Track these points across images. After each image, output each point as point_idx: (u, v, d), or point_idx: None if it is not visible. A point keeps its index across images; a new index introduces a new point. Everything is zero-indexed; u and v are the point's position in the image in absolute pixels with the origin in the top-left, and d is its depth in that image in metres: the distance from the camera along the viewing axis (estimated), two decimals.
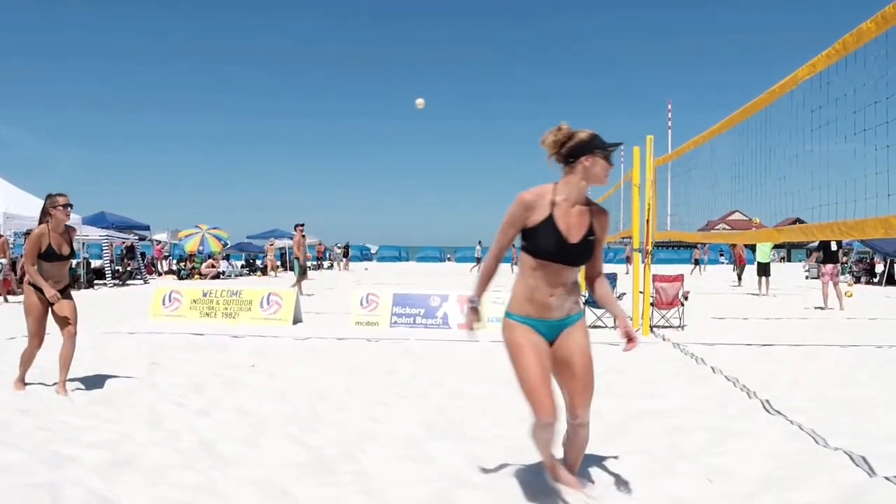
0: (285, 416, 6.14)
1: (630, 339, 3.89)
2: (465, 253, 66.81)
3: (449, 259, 69.20)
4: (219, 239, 32.78)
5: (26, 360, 7.19)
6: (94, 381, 7.55)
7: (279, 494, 4.23)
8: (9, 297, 19.53)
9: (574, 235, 3.75)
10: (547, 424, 3.74)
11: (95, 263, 28.25)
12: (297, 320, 13.06)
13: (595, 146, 3.71)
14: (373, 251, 69.14)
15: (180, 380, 7.67)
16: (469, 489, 4.33)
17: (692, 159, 10.40)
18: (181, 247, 33.78)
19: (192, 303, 13.51)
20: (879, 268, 32.43)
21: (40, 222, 6.95)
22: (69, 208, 7.02)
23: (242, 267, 36.25)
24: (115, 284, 26.12)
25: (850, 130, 5.32)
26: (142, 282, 28.18)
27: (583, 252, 3.80)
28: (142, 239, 32.88)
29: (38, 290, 6.89)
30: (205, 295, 13.61)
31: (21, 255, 23.59)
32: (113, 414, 6.17)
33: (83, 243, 26.23)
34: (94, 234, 26.71)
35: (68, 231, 7.10)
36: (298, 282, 20.04)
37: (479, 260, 39.50)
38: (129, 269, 28.73)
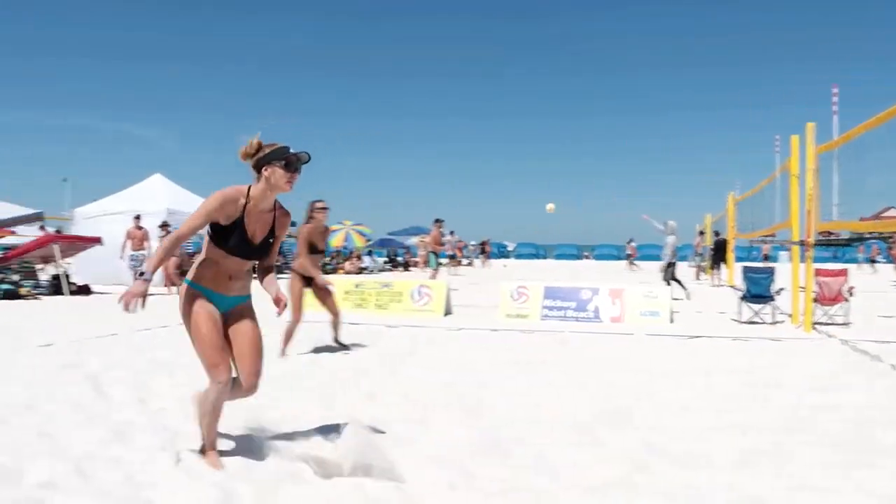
0: (451, 400, 6.21)
1: (278, 302, 4.43)
2: (602, 251, 65.72)
3: (586, 257, 68.40)
4: (363, 235, 33.56)
5: (288, 335, 8.39)
6: (264, 363, 7.83)
7: (461, 472, 4.26)
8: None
9: (257, 238, 4.28)
10: (225, 384, 4.22)
11: None
12: (447, 312, 13.20)
13: (272, 158, 4.16)
14: (510, 248, 68.95)
15: (344, 364, 7.88)
16: (648, 475, 4.24)
17: (865, 144, 9.74)
18: (327, 242, 34.85)
19: (345, 294, 13.86)
20: None
21: (305, 222, 8.49)
22: (326, 211, 8.52)
23: (385, 263, 36.98)
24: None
25: None
26: (286, 276, 29.16)
27: (262, 250, 4.34)
28: (290, 236, 34.04)
29: (301, 276, 8.53)
30: (357, 287, 13.95)
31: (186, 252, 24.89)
32: (283, 394, 6.39)
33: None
34: None
35: (326, 230, 8.74)
36: (433, 275, 20.26)
37: (630, 257, 38.05)
38: (277, 263, 29.82)
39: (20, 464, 4.29)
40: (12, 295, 16.45)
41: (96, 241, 18.12)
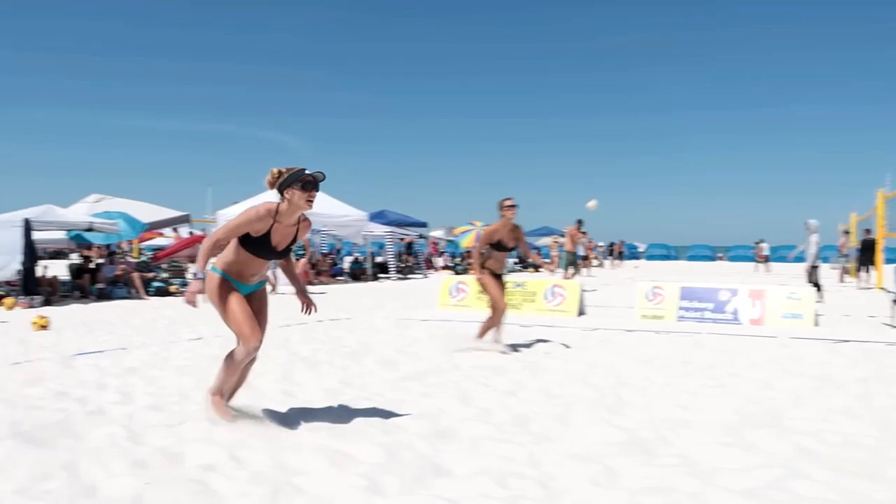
0: (591, 398, 6.13)
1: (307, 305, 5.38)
2: (738, 252, 63.20)
3: (720, 258, 66.30)
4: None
5: (490, 325, 8.68)
6: (400, 360, 7.98)
7: (603, 470, 4.19)
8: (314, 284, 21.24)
9: (281, 246, 4.96)
10: (254, 349, 4.98)
11: (379, 258, 29.98)
12: (581, 312, 13.05)
13: (290, 181, 4.79)
14: (641, 249, 67.54)
15: (481, 362, 7.90)
16: (805, 480, 4.03)
17: None
18: (457, 243, 35.02)
19: (479, 293, 13.88)
20: None
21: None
22: (515, 208, 8.53)
23: (516, 263, 36.92)
24: (398, 278, 27.59)
25: None
26: (422, 276, 29.56)
27: (283, 255, 5.07)
28: (421, 236, 34.52)
29: (491, 272, 8.67)
30: None
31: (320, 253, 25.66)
32: (424, 389, 6.47)
33: (366, 239, 27.97)
34: (377, 230, 28.38)
35: (515, 228, 8.65)
36: (570, 276, 20.08)
37: (767, 259, 36.33)
38: (409, 263, 30.25)
39: (182, 448, 4.51)
40: (163, 292, 17.35)
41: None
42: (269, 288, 5.68)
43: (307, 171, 4.84)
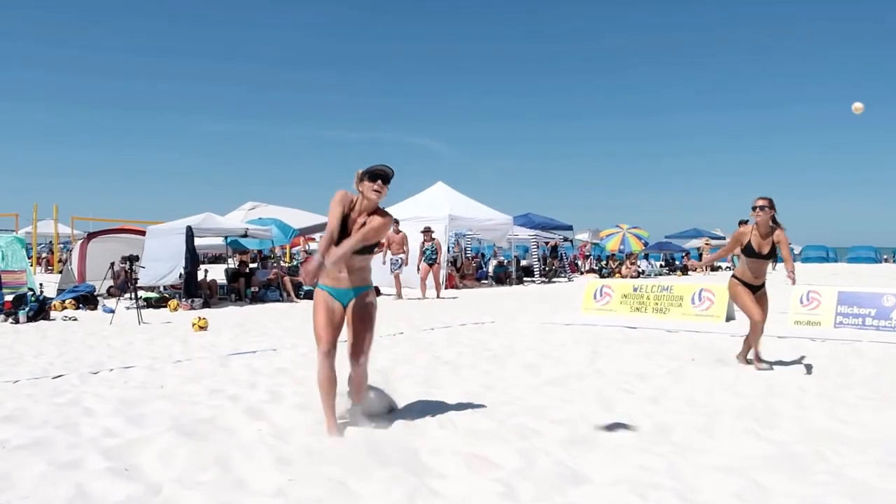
0: (738, 408, 5.89)
1: None
2: None
3: (886, 260, 62.32)
4: (639, 238, 33.01)
5: (748, 345, 8.02)
6: (542, 365, 7.94)
7: (750, 485, 4.02)
8: (444, 291, 21.47)
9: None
10: (325, 353, 5.13)
11: (523, 262, 29.94)
12: (729, 317, 12.60)
13: (360, 177, 5.11)
14: (796, 251, 64.30)
15: (623, 368, 7.76)
16: None
17: None
18: (602, 246, 34.57)
19: (623, 297, 13.68)
20: None
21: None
22: (765, 210, 7.68)
23: (662, 266, 36.09)
24: (542, 281, 27.48)
25: None
26: (566, 279, 29.32)
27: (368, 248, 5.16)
28: (566, 239, 34.27)
29: (741, 281, 7.95)
30: (635, 290, 13.73)
31: (467, 254, 25.90)
32: (566, 394, 6.42)
33: (511, 243, 28.02)
34: (522, 233, 28.36)
35: (771, 231, 7.76)
36: None
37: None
38: (553, 267, 30.07)
39: (323, 446, 4.67)
40: (312, 295, 17.94)
41: (380, 246, 19.28)
42: (393, 295, 6.09)
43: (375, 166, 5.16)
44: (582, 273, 33.96)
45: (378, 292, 18.32)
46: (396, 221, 19.34)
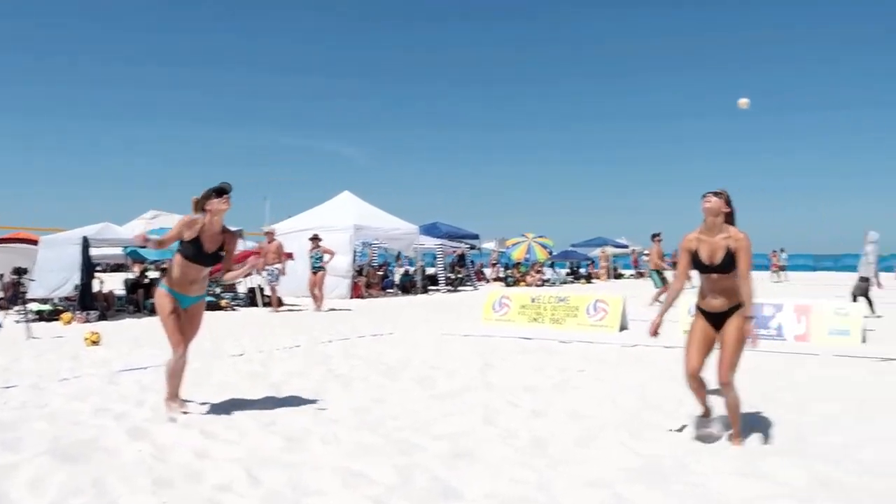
0: (616, 420, 6.14)
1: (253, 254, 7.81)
2: (797, 261, 60.86)
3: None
4: (544, 247, 33.62)
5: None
6: (435, 377, 8.07)
7: (612, 497, 4.22)
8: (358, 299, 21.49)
9: (209, 250, 6.08)
10: (182, 356, 6.16)
11: (429, 270, 30.14)
12: (623, 327, 13.00)
13: (206, 197, 6.05)
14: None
15: (513, 380, 7.96)
16: None
17: None
18: (508, 255, 35.06)
19: (521, 308, 13.97)
20: None
21: None
22: (713, 203, 5.45)
23: (568, 275, 36.83)
24: (447, 290, 27.73)
25: None
26: (472, 288, 29.65)
27: (214, 259, 6.16)
28: (472, 248, 34.64)
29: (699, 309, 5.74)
30: (533, 301, 14.03)
31: (372, 265, 25.93)
32: (453, 408, 6.56)
33: (417, 252, 28.23)
34: (428, 242, 28.58)
35: (733, 239, 5.50)
36: (659, 293, 19.77)
37: (782, 269, 33.12)
38: (459, 276, 30.37)
39: (203, 465, 4.67)
40: (213, 307, 17.71)
41: (289, 256, 19.11)
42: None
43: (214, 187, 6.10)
44: (488, 281, 34.39)
45: (281, 303, 18.26)
46: (271, 232, 19.14)
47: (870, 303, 15.89)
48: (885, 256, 40.78)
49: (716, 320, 5.65)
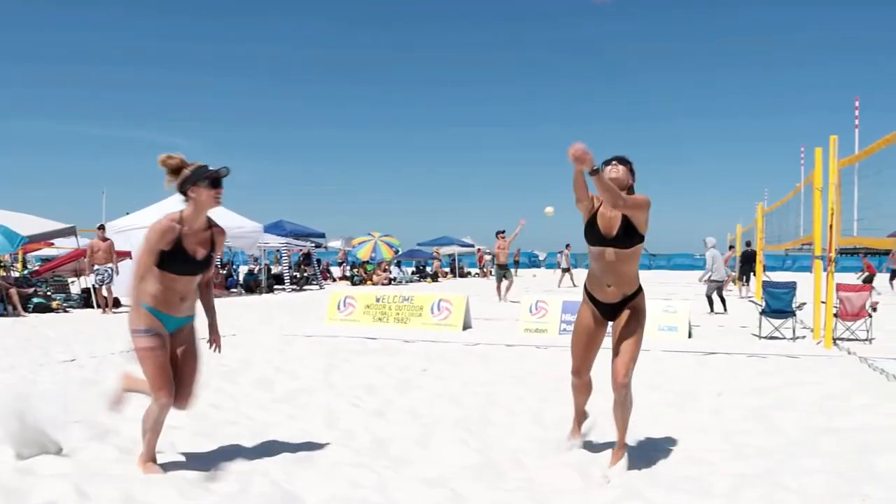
0: (456, 418, 6.26)
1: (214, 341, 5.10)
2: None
3: None
4: (390, 246, 33.76)
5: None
6: (276, 380, 7.96)
7: (450, 495, 4.31)
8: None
9: (199, 254, 4.54)
10: (165, 405, 4.51)
11: (274, 269, 29.66)
12: (466, 326, 13.25)
13: (196, 178, 4.43)
14: (541, 258, 68.33)
15: (355, 381, 7.96)
16: (641, 501, 4.24)
17: (885, 159, 9.63)
18: (354, 254, 34.97)
19: (366, 308, 13.99)
20: None
21: None
22: (618, 169, 4.72)
23: (413, 273, 37.11)
24: (292, 289, 27.38)
25: None
26: (318, 287, 29.39)
27: (206, 266, 4.63)
28: (318, 246, 34.33)
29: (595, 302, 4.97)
30: (378, 300, 14.07)
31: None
32: (294, 411, 6.50)
33: (263, 250, 27.74)
34: (273, 241, 28.12)
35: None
36: (507, 288, 20.36)
37: (567, 270, 33.90)
38: (305, 275, 30.04)
39: (28, 483, 4.42)
40: (44, 308, 16.77)
41: (126, 255, 18.30)
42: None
43: (210, 168, 4.50)
44: (335, 280, 34.19)
45: (117, 303, 17.49)
46: (102, 227, 18.36)
47: (723, 301, 17.29)
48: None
49: (607, 311, 4.91)
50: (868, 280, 24.71)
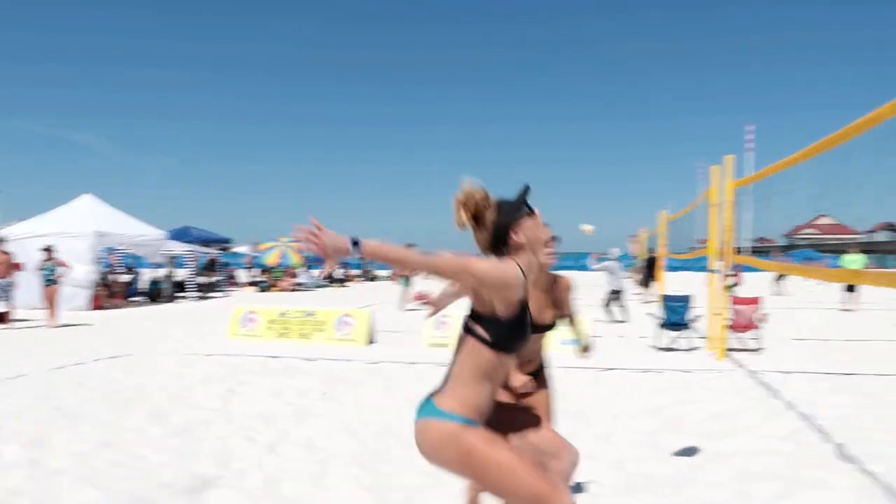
0: (352, 451, 6.24)
1: None
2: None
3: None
4: (299, 252, 33.33)
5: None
6: (172, 410, 7.77)
7: None
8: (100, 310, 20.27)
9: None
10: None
11: (178, 277, 28.97)
12: (370, 341, 13.21)
13: (509, 212, 3.01)
14: None
15: (253, 409, 7.84)
16: None
17: (771, 186, 10.03)
18: (261, 259, 34.45)
19: (269, 323, 13.81)
20: None
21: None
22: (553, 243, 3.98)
23: (324, 278, 36.77)
24: (198, 297, 26.83)
25: None
26: (224, 295, 28.85)
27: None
28: (224, 250, 33.73)
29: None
30: (282, 315, 13.90)
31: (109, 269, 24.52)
32: (187, 447, 6.35)
33: (172, 257, 27.14)
34: (178, 248, 27.50)
35: (556, 283, 4.38)
36: (407, 296, 20.44)
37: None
38: (210, 281, 29.44)
39: None
40: None
41: (16, 267, 17.53)
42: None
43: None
44: (241, 287, 33.62)
45: (3, 319, 16.80)
46: (1, 240, 17.70)
47: (623, 310, 17.68)
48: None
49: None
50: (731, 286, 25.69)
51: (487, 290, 2.86)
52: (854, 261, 21.46)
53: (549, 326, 4.08)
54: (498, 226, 2.92)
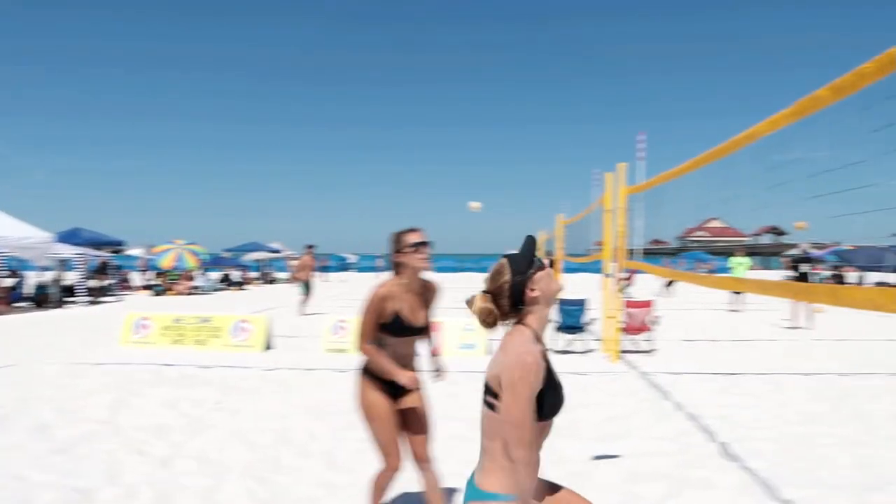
0: (247, 463, 6.15)
1: None
2: (443, 262, 63.53)
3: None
4: (195, 254, 32.58)
5: (379, 488, 4.45)
6: (56, 425, 7.48)
7: None
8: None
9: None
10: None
11: (67, 281, 27.92)
12: (268, 347, 13.02)
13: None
14: (352, 261, 67.22)
15: (145, 421, 7.62)
16: None
17: (662, 193, 10.39)
18: (155, 262, 33.51)
19: (164, 329, 13.45)
20: (852, 278, 32.77)
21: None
22: (427, 247, 4.34)
23: (221, 281, 36.07)
24: (89, 302, 25.91)
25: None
26: (116, 299, 27.96)
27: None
28: (116, 252, 32.67)
29: (381, 380, 4.35)
30: (176, 321, 13.55)
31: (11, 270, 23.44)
32: (71, 465, 6.11)
33: (61, 261, 26.12)
34: (67, 251, 26.50)
35: (427, 287, 4.53)
36: (304, 300, 20.26)
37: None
38: (102, 285, 28.48)
39: None
40: None
41: None
42: None
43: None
44: (135, 290, 32.65)
45: None
46: None
47: None
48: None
49: (396, 390, 4.39)
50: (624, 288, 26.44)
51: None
52: (741, 263, 22.26)
53: (423, 329, 4.34)
54: (513, 285, 2.87)
